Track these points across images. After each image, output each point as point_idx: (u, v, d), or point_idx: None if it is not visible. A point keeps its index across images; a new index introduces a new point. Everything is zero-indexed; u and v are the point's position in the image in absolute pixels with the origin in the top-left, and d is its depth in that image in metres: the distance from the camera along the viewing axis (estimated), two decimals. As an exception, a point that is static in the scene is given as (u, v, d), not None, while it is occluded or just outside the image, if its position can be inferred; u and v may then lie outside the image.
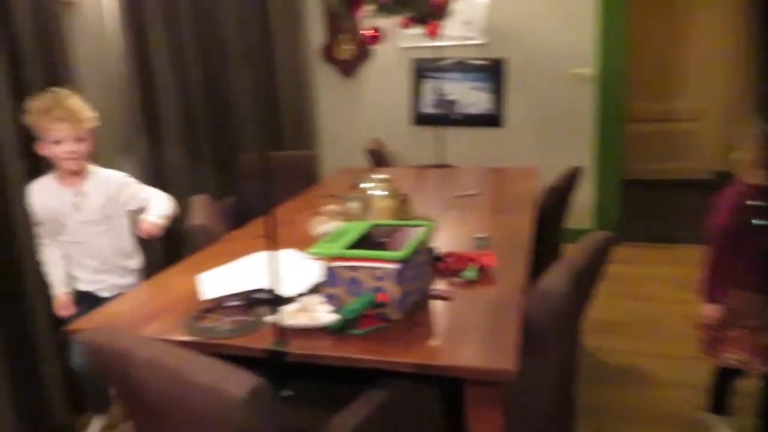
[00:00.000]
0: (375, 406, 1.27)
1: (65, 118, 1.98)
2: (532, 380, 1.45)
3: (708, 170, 5.53)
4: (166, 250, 2.77)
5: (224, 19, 3.39)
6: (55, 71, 2.29)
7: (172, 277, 1.84)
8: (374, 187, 1.96)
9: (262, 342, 1.35)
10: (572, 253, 1.61)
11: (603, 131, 4.18)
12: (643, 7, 5.14)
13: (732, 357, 1.97)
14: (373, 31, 3.53)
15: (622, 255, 3.84)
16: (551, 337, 1.46)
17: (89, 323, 1.52)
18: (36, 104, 1.98)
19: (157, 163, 2.88)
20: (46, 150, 2.03)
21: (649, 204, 5.21)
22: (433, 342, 1.36)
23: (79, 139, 2.02)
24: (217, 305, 1.54)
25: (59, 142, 1.99)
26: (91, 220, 2.13)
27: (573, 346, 1.78)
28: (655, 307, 3.27)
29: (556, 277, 1.45)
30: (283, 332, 1.34)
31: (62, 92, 2.02)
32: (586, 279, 1.59)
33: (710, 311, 1.98)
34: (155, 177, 2.85)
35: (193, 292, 1.64)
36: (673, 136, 5.70)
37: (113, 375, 1.26)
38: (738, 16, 5.28)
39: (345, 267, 1.46)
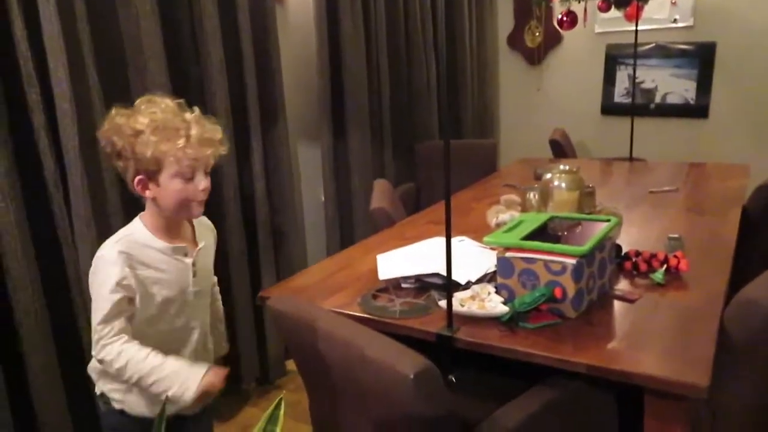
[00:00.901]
0: (543, 404, 1.23)
1: (205, 141, 1.30)
2: (727, 403, 1.30)
3: None
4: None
5: (412, 7, 3.46)
6: (265, 63, 2.49)
7: (352, 254, 1.93)
8: (555, 178, 1.88)
9: (432, 325, 1.37)
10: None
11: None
12: None
13: None
14: (568, 16, 3.38)
15: None
16: (753, 355, 1.29)
17: (277, 292, 1.65)
18: (150, 118, 1.27)
19: (341, 147, 3.03)
20: (159, 189, 1.29)
21: None
22: (611, 344, 1.27)
23: (207, 172, 1.34)
24: (392, 285, 1.59)
25: (190, 178, 1.29)
26: (203, 290, 1.44)
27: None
28: None
29: (766, 288, 1.28)
30: (453, 318, 1.34)
31: (167, 100, 1.33)
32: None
33: None
34: (338, 161, 3.01)
35: (370, 271, 1.71)
36: None
37: (295, 343, 1.36)
38: None
39: (521, 258, 1.42)
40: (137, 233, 1.33)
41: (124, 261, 1.27)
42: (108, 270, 1.25)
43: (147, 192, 1.30)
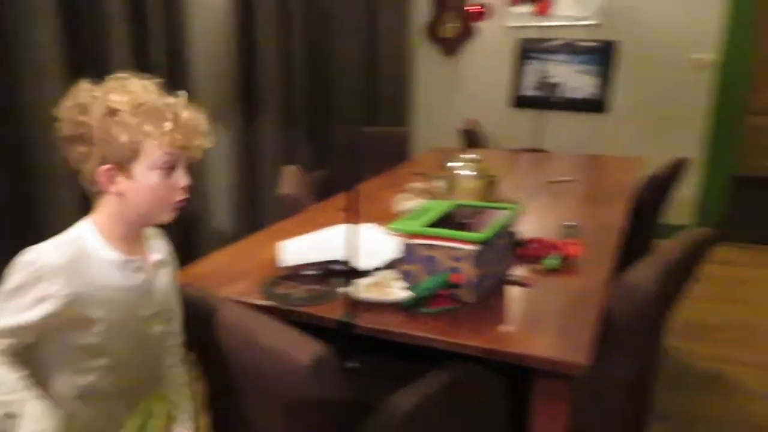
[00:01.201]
0: (438, 387, 1.27)
1: (193, 128, 1.12)
2: (607, 378, 1.39)
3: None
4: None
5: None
6: (173, 41, 2.39)
7: (258, 241, 1.90)
8: (462, 167, 1.93)
9: (334, 312, 1.37)
10: (665, 249, 1.52)
11: (718, 122, 3.88)
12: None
13: None
14: (479, 7, 3.45)
15: (724, 255, 3.59)
16: (633, 334, 1.39)
17: (179, 279, 1.61)
18: (130, 96, 1.07)
19: (251, 131, 2.97)
20: (131, 183, 1.09)
21: (760, 203, 4.81)
22: (505, 328, 1.33)
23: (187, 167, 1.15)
24: (295, 273, 1.58)
25: (170, 171, 1.11)
26: (158, 316, 1.20)
27: (656, 346, 1.69)
28: (753, 313, 3.03)
29: (644, 273, 1.38)
30: (355, 305, 1.36)
31: (141, 79, 1.12)
32: (678, 277, 1.49)
33: None
34: (248, 146, 2.95)
35: (274, 258, 1.70)
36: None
37: (194, 332, 1.33)
38: None
39: (423, 245, 1.45)
40: (86, 240, 1.08)
41: (59, 274, 1.00)
42: (34, 280, 0.99)
43: (113, 186, 1.08)
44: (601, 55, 4.13)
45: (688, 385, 2.44)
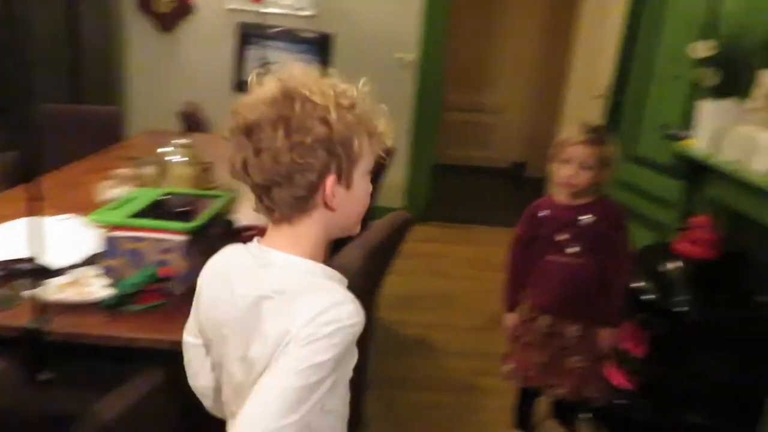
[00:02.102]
0: (148, 389, 1.19)
1: None
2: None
3: (508, 160, 6.06)
4: None
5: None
6: None
7: None
8: (173, 153, 1.83)
9: (19, 319, 1.20)
10: (370, 231, 1.64)
11: (420, 116, 4.35)
12: (464, 4, 5.41)
13: (507, 366, 1.91)
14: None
15: (427, 234, 4.07)
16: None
17: None
18: (347, 84, 0.96)
19: None
20: (347, 194, 0.91)
21: (454, 187, 5.57)
22: (219, 319, 1.30)
23: None
24: (-32, 276, 1.34)
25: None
26: None
27: (367, 320, 1.82)
28: (450, 283, 3.50)
29: (351, 254, 1.47)
30: (45, 308, 1.20)
31: None
32: (382, 255, 1.63)
33: (506, 320, 1.94)
34: None
35: (-61, 260, 1.41)
36: (480, 126, 6.14)
37: None
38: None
39: (127, 237, 1.34)
40: (325, 278, 0.91)
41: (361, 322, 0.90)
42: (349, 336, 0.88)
43: (335, 200, 0.88)
44: (319, 46, 4.30)
45: (398, 351, 2.71)
